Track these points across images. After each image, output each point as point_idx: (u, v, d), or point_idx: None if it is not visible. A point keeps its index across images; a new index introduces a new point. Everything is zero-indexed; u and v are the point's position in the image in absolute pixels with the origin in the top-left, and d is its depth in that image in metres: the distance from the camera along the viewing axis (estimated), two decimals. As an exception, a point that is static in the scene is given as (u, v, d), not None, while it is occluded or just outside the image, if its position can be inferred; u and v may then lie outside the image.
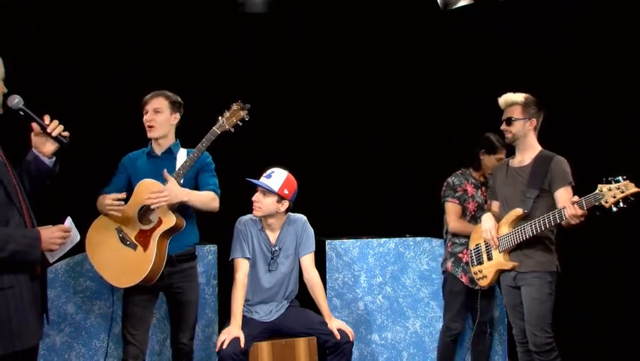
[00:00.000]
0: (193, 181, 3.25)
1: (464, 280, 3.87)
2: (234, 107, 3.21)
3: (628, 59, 4.24)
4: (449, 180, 3.98)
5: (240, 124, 3.20)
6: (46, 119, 2.49)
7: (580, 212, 2.93)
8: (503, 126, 3.37)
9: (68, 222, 2.48)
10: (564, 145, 3.41)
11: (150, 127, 3.22)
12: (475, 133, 4.08)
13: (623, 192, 2.83)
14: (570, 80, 4.30)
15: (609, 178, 2.88)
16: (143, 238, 3.06)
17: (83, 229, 2.60)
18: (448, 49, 4.64)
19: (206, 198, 3.19)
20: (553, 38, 4.35)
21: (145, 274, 3.01)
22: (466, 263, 3.84)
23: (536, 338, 3.19)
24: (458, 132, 4.73)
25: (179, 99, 3.31)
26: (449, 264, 3.93)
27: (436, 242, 4.25)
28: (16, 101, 2.43)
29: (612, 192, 2.85)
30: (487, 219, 3.43)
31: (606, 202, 2.86)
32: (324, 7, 4.48)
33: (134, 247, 3.06)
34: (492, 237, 3.33)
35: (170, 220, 3.07)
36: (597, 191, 2.89)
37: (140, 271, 3.02)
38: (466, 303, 3.93)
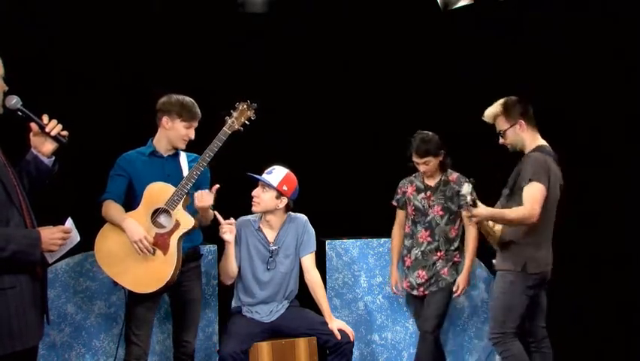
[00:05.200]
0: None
1: (405, 285, 3.91)
2: (241, 106, 3.25)
3: (628, 59, 4.24)
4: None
5: (248, 123, 3.25)
6: (45, 118, 2.48)
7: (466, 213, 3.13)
8: (500, 140, 3.34)
9: (69, 222, 2.47)
10: (563, 145, 3.40)
11: (188, 140, 3.25)
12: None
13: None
14: (570, 80, 4.30)
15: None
16: (161, 241, 3.06)
17: (83, 229, 2.59)
18: (448, 49, 4.63)
19: (209, 219, 3.31)
20: (553, 38, 4.35)
21: (168, 277, 3.03)
22: (407, 268, 3.87)
23: (490, 331, 3.31)
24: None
25: None
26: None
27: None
28: (14, 101, 2.41)
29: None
30: None
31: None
32: (324, 7, 4.48)
33: (153, 252, 3.05)
34: None
35: (189, 222, 3.10)
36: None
37: (163, 274, 3.03)
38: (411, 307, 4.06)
